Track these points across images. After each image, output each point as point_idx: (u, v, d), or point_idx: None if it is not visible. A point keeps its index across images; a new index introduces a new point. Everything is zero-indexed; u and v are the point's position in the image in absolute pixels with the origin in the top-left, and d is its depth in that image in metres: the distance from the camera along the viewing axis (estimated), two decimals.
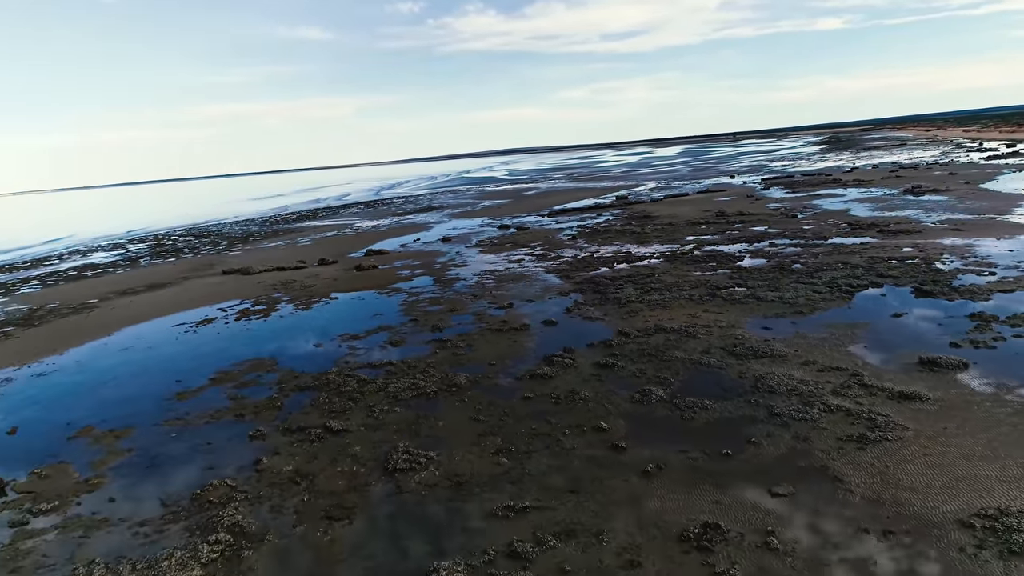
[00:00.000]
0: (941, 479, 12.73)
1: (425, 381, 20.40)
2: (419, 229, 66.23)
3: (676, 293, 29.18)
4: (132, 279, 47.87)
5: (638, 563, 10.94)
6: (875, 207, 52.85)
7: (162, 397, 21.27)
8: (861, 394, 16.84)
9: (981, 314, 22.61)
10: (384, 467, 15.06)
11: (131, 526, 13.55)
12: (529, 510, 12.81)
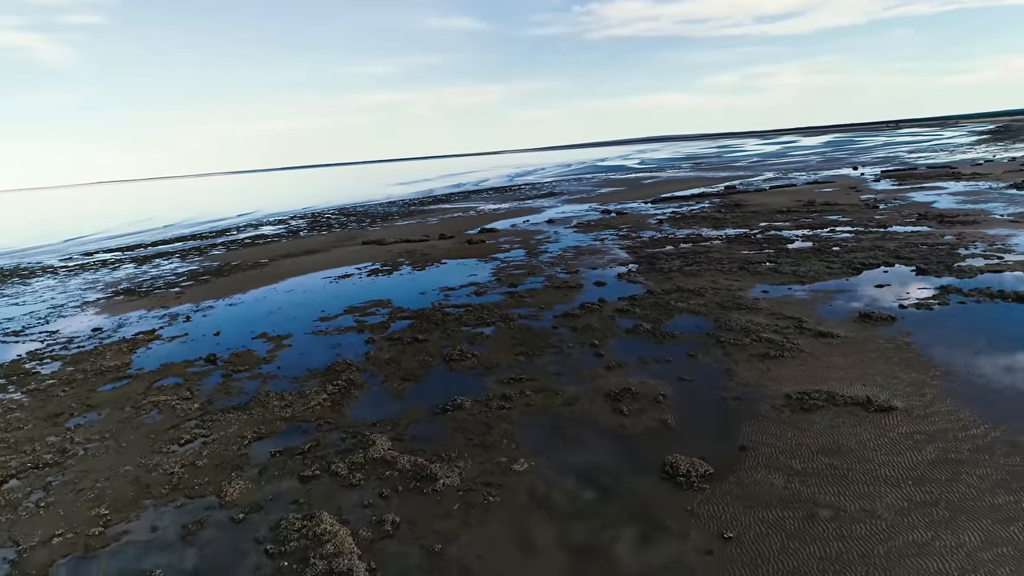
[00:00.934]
0: (799, 377, 19.00)
1: (489, 316, 28.28)
2: (532, 212, 74.22)
3: (712, 266, 35.26)
4: (293, 246, 59.31)
5: (574, 403, 18.27)
6: (963, 200, 54.79)
7: (311, 319, 30.54)
8: (792, 333, 22.89)
9: (948, 287, 27.37)
10: (444, 358, 23.11)
11: (289, 379, 22.40)
12: (523, 380, 20.37)
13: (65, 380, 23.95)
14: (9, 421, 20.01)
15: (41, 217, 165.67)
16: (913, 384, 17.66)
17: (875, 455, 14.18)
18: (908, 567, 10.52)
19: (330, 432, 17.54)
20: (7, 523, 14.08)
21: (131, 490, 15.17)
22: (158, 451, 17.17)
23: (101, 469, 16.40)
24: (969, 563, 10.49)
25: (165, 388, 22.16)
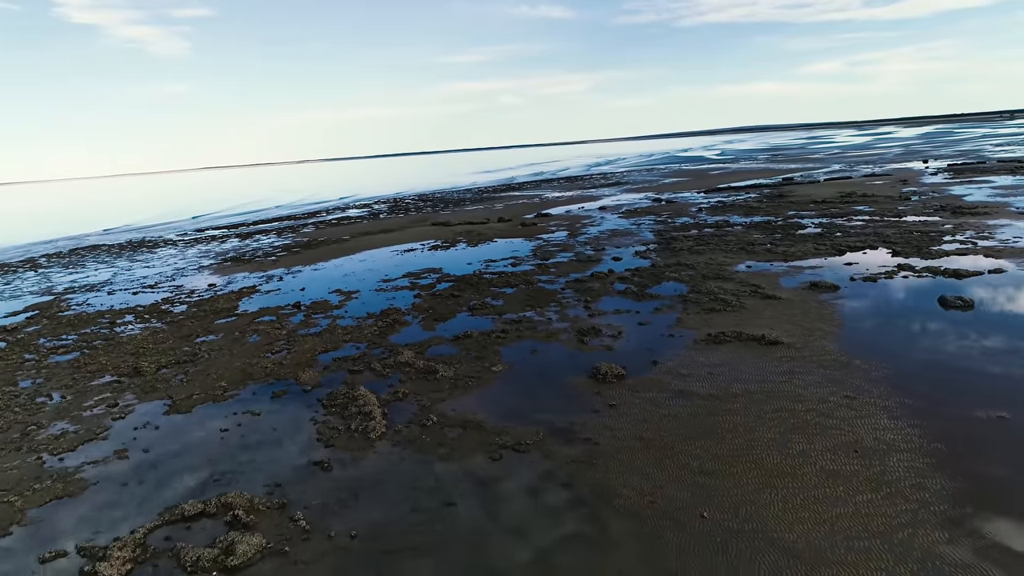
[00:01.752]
0: (727, 324, 24.79)
1: (515, 281, 34.95)
2: (591, 200, 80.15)
3: (719, 247, 40.68)
4: (372, 226, 67.60)
5: (552, 336, 24.74)
6: (997, 194, 57.29)
7: (375, 281, 38.02)
8: (745, 295, 28.53)
9: (905, 265, 32.16)
10: (469, 308, 29.96)
11: (352, 318, 29.75)
12: (522, 322, 26.90)
13: (191, 316, 32.24)
14: (158, 338, 28.23)
15: (159, 199, 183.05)
16: (809, 330, 23.26)
17: (745, 368, 20.09)
18: (735, 426, 16.59)
19: (374, 349, 24.69)
20: (164, 388, 21.88)
21: (239, 376, 22.76)
22: (257, 356, 24.79)
23: (219, 365, 24.13)
24: (772, 418, 16.45)
25: (263, 322, 29.99)
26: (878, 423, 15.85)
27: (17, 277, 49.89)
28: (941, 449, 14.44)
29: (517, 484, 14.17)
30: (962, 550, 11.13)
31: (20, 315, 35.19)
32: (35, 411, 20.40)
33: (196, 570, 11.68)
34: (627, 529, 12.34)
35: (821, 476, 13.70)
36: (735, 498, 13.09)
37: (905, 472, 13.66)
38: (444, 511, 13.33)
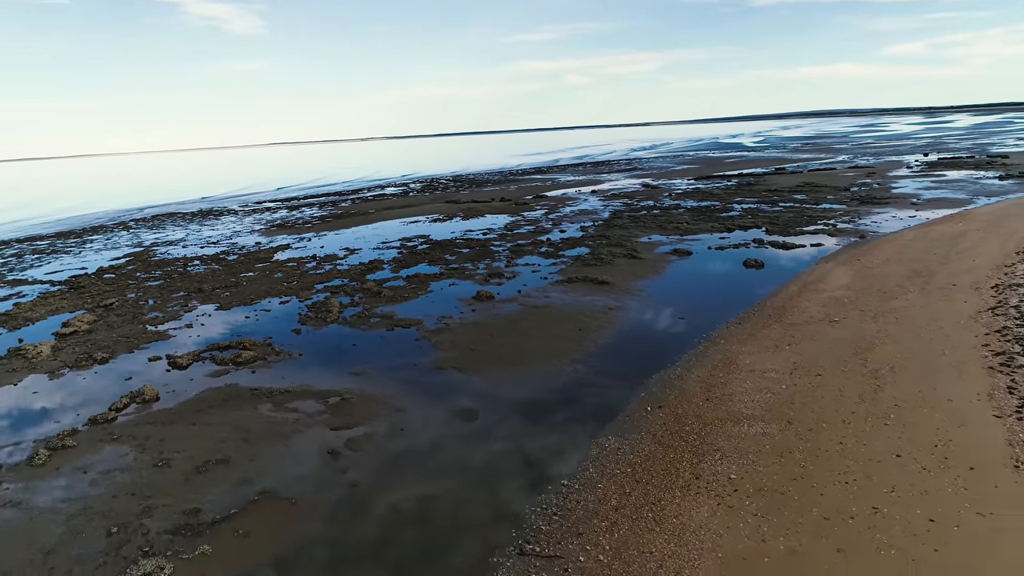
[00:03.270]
0: (589, 274, 36.43)
1: (474, 244, 46.96)
2: (592, 184, 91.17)
3: (646, 223, 51.81)
4: (396, 203, 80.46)
5: (472, 274, 36.93)
6: (933, 185, 66.31)
7: (377, 242, 50.65)
8: (620, 256, 39.87)
9: (758, 239, 42.92)
10: (429, 260, 42.27)
11: (348, 266, 42.39)
12: (459, 267, 39.19)
13: (238, 261, 45.50)
14: (215, 274, 41.50)
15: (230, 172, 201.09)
16: (635, 276, 34.77)
17: (568, 295, 31.81)
18: (535, 320, 28.45)
19: (352, 282, 37.25)
20: (216, 298, 34.93)
21: (263, 293, 35.62)
22: (277, 284, 37.68)
23: (252, 288, 37.07)
24: (561, 318, 28.25)
25: (287, 266, 42.94)
26: (624, 316, 27.56)
27: (115, 235, 64.65)
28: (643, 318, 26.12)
29: (398, 341, 26.40)
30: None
31: (121, 259, 49.21)
32: (139, 307, 33.73)
33: (223, 362, 24.38)
34: (452, 357, 24.47)
35: (575, 333, 25.51)
36: (515, 346, 25.08)
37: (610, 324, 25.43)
38: (353, 349, 25.72)
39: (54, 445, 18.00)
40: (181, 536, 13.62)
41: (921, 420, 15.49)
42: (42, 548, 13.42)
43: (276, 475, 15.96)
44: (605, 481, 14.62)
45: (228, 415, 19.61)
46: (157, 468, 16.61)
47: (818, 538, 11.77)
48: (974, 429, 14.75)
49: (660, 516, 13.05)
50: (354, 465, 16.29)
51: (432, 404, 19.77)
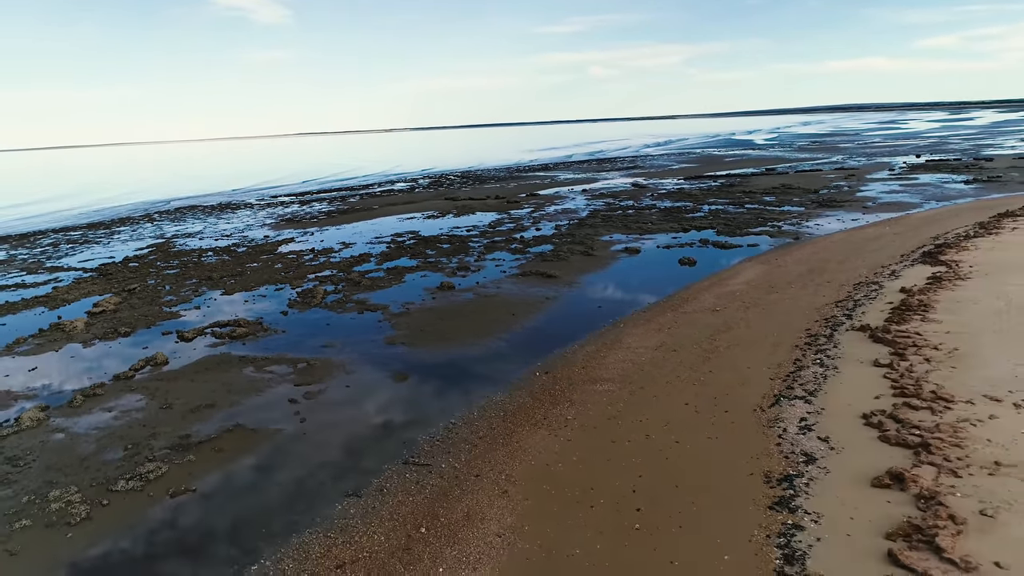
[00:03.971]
0: (545, 268, 41.93)
1: (455, 240, 52.62)
2: (586, 183, 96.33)
3: (615, 223, 57.08)
4: (399, 199, 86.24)
5: (443, 267, 42.66)
6: (898, 189, 70.74)
7: (371, 237, 56.50)
8: (576, 254, 45.28)
9: (705, 239, 48.11)
10: (411, 255, 48.09)
11: (340, 259, 48.30)
12: (435, 261, 44.92)
13: (246, 253, 51.60)
14: (225, 264, 47.61)
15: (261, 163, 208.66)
16: (583, 271, 40.21)
17: (516, 286, 37.31)
18: (476, 306, 34.10)
19: (340, 272, 43.12)
20: (223, 285, 41.00)
21: (263, 281, 41.60)
22: (276, 274, 43.65)
23: (254, 277, 43.06)
24: (501, 306, 33.88)
25: (287, 258, 48.96)
26: (555, 305, 33.08)
27: (140, 227, 71.28)
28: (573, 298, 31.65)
29: (364, 322, 32.14)
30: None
31: (145, 249, 55.61)
32: (157, 292, 39.88)
33: (221, 336, 30.33)
34: (403, 335, 30.19)
35: (509, 317, 31.07)
36: (456, 327, 30.70)
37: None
38: (327, 328, 31.51)
39: (87, 393, 24.00)
40: (175, 451, 19.47)
41: (719, 382, 20.88)
42: (80, 456, 19.37)
43: (247, 415, 21.79)
44: (481, 421, 20.23)
45: (219, 375, 25.51)
46: (162, 409, 22.51)
47: (603, 449, 17.30)
48: (750, 387, 20.14)
49: (507, 441, 18.64)
50: (305, 409, 22.06)
51: (376, 370, 25.49)
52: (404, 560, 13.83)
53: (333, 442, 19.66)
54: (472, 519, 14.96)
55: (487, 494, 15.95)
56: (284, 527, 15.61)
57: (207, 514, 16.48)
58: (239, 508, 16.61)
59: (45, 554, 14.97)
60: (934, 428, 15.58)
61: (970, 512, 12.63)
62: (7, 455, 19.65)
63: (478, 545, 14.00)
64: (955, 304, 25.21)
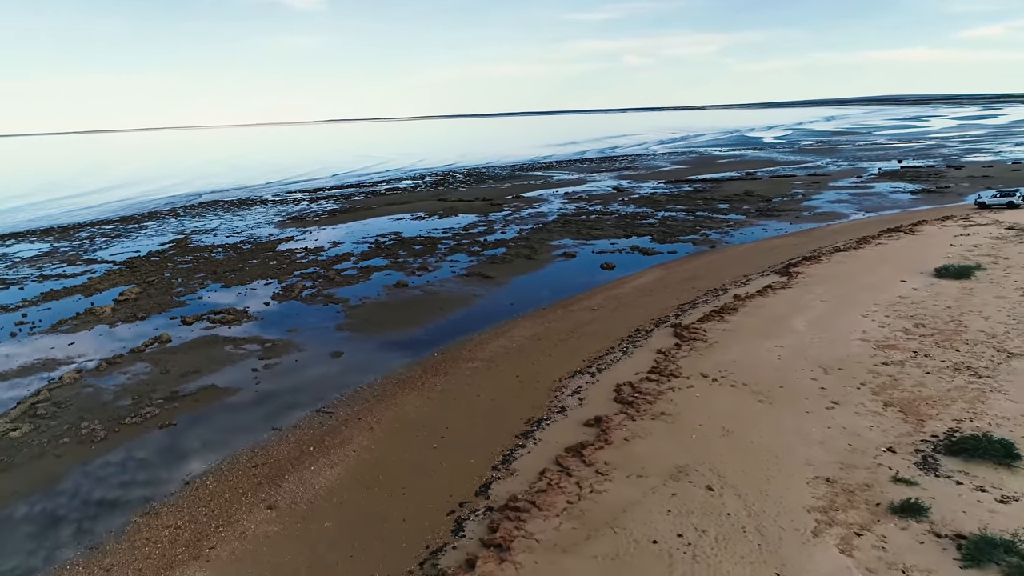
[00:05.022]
0: (487, 271, 50.42)
1: (429, 242, 61.32)
2: (576, 183, 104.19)
3: (570, 228, 65.08)
4: (397, 198, 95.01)
5: (404, 265, 51.43)
6: (847, 197, 77.69)
7: (358, 237, 65.34)
8: (523, 257, 53.66)
9: (635, 245, 56.14)
10: (385, 254, 56.90)
11: (327, 256, 57.29)
12: (405, 257, 53.69)
13: (249, 251, 60.76)
14: (230, 260, 56.83)
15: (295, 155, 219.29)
16: (517, 273, 48.51)
17: (459, 286, 45.81)
18: (420, 300, 42.76)
19: (322, 270, 51.95)
20: (225, 278, 50.17)
21: (257, 276, 50.62)
22: (269, 270, 52.65)
23: (252, 272, 52.13)
24: (447, 299, 42.48)
25: (283, 256, 58.01)
26: (479, 301, 41.58)
27: (165, 223, 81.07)
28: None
29: (326, 312, 40.91)
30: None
31: (165, 245, 65.15)
32: (170, 284, 49.10)
33: (214, 321, 39.38)
34: (352, 323, 38.95)
35: (438, 311, 39.66)
36: (395, 317, 39.37)
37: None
38: (296, 316, 40.38)
39: (110, 360, 33.13)
40: (166, 401, 28.38)
41: (550, 362, 29.21)
42: (102, 402, 28.40)
43: (220, 378, 30.68)
44: (378, 386, 28.80)
45: (206, 350, 34.49)
46: (161, 374, 31.51)
47: (445, 404, 25.77)
48: (565, 367, 28.43)
49: (388, 399, 27.20)
50: (262, 375, 30.86)
51: (321, 348, 34.21)
52: (294, 463, 22.51)
53: (274, 398, 28.45)
54: (343, 443, 23.58)
55: (359, 430, 24.57)
56: (229, 445, 24.41)
57: (181, 438, 25.36)
58: (202, 436, 25.46)
59: (77, 457, 23.95)
60: (647, 392, 23.80)
61: (620, 439, 20.91)
62: (54, 401, 28.81)
63: (340, 456, 22.62)
64: (755, 309, 33.16)
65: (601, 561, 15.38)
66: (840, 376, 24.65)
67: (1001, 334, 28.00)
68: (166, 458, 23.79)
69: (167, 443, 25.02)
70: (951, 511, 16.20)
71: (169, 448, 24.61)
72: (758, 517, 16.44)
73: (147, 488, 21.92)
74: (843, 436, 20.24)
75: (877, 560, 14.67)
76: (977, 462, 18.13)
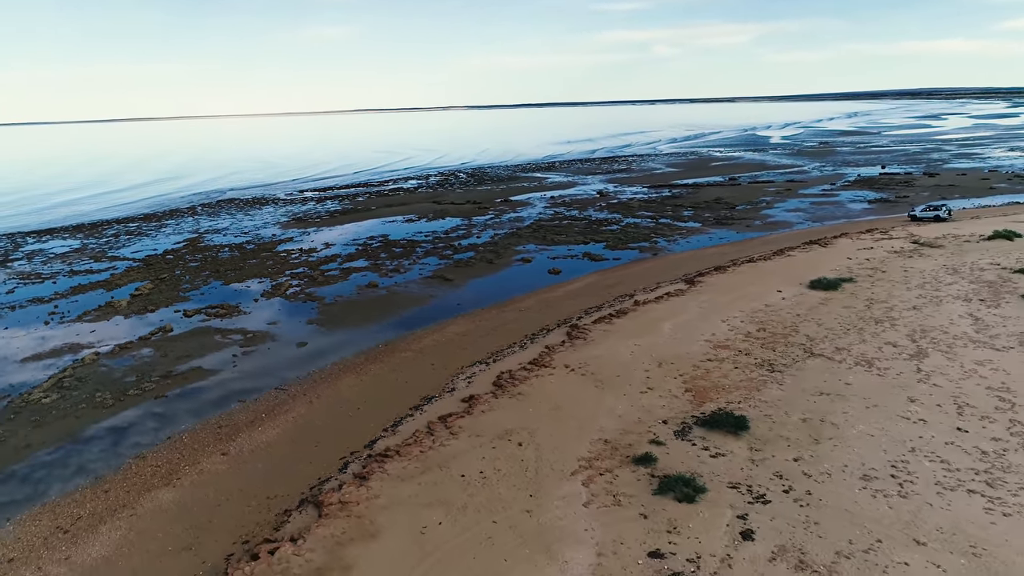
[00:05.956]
0: (450, 275, 58.07)
1: (410, 246, 69.17)
2: (565, 187, 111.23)
3: (539, 233, 72.35)
4: (397, 200, 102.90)
5: (383, 266, 59.30)
6: (800, 208, 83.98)
7: (349, 239, 73.27)
8: (485, 262, 61.20)
9: (587, 252, 63.44)
10: (367, 256, 64.87)
11: (318, 257, 65.38)
12: (385, 257, 61.59)
13: (251, 251, 68.98)
14: (234, 259, 65.26)
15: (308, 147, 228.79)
16: (474, 276, 56.05)
17: (419, 287, 53.55)
18: (386, 299, 50.62)
19: (309, 270, 59.92)
20: (226, 276, 58.50)
21: (253, 275, 58.84)
22: (265, 269, 60.84)
23: (249, 271, 60.25)
24: (410, 300, 50.27)
25: (279, 256, 66.17)
26: (434, 300, 49.28)
27: (183, 221, 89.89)
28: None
29: (303, 308, 48.88)
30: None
31: (180, 244, 73.76)
32: (179, 281, 57.41)
33: (209, 315, 47.57)
34: (321, 319, 46.94)
35: (395, 308, 47.45)
36: (359, 314, 47.24)
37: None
38: (277, 311, 48.40)
39: (122, 346, 41.43)
40: (161, 379, 36.42)
41: (464, 353, 36.66)
42: (113, 379, 36.60)
43: (206, 361, 38.73)
44: (331, 369, 36.50)
45: (200, 339, 42.61)
46: (161, 357, 39.68)
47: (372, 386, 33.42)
48: (472, 357, 35.96)
49: (331, 380, 34.93)
50: (239, 360, 38.84)
51: (291, 339, 42.10)
52: (247, 425, 30.30)
53: (245, 377, 36.41)
54: (287, 412, 31.36)
55: (302, 402, 32.32)
56: (203, 412, 32.33)
57: (169, 407, 33.34)
58: (185, 405, 33.42)
59: (91, 418, 32.06)
60: (518, 378, 31.20)
61: (479, 412, 28.41)
62: (77, 376, 37.09)
63: (282, 421, 30.37)
64: (642, 313, 40.28)
65: (423, 486, 22.88)
66: (667, 369, 31.82)
67: (819, 338, 34.91)
68: (156, 420, 31.81)
69: (158, 410, 33.04)
70: (673, 462, 23.42)
71: (159, 414, 32.62)
72: (541, 462, 23.81)
73: (140, 440, 29.93)
74: (638, 412, 27.48)
75: (602, 489, 21.97)
76: (716, 431, 25.24)
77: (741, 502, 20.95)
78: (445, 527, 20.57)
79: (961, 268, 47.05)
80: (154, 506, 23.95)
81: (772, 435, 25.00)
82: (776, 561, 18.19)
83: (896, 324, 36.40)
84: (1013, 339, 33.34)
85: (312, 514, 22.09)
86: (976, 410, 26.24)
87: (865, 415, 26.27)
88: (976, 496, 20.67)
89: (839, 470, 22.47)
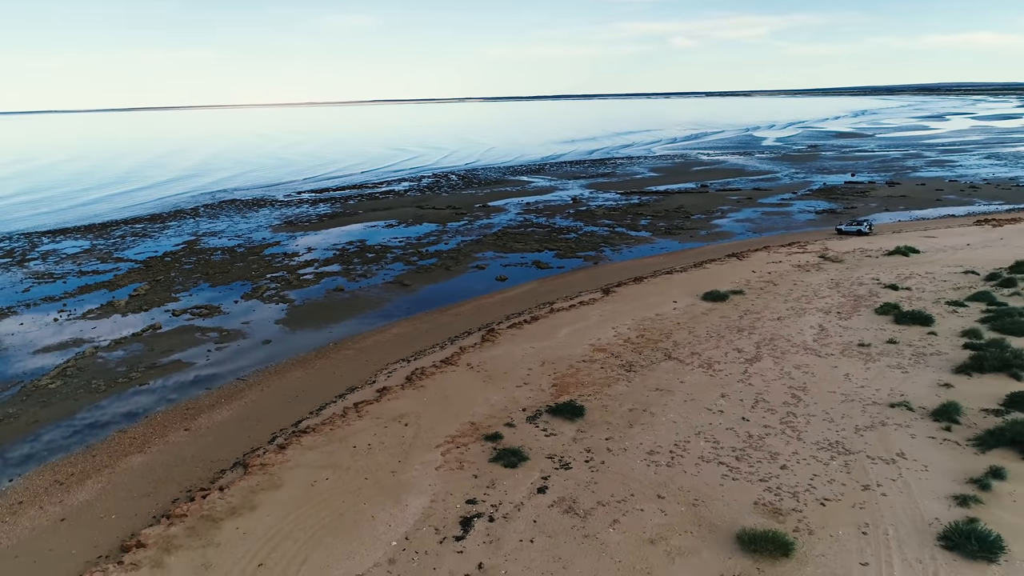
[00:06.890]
0: (410, 280, 65.84)
1: (382, 251, 77.06)
2: (545, 192, 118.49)
3: (505, 241, 79.86)
4: (383, 204, 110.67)
5: (352, 271, 67.18)
6: (757, 217, 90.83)
7: (330, 244, 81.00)
8: (445, 268, 68.91)
9: (537, 260, 70.99)
10: (342, 261, 72.76)
11: (298, 261, 73.36)
12: (356, 262, 69.44)
13: (240, 254, 76.99)
14: (224, 262, 73.28)
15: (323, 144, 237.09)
16: (430, 282, 63.78)
17: (379, 292, 61.41)
18: (348, 302, 58.54)
19: (287, 274, 67.86)
20: (214, 279, 66.58)
21: (239, 276, 66.75)
22: (248, 272, 68.82)
23: (235, 273, 68.38)
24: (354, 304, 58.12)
25: (264, 260, 74.07)
26: (388, 303, 57.09)
27: (184, 223, 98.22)
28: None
29: (274, 309, 56.72)
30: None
31: (179, 246, 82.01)
32: (172, 282, 65.55)
33: (193, 314, 55.66)
34: (289, 318, 54.86)
35: (354, 310, 55.32)
36: (323, 315, 55.14)
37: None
38: (252, 311, 56.37)
39: (117, 341, 49.57)
40: (146, 370, 44.40)
41: (397, 351, 44.50)
42: (107, 369, 44.73)
43: (186, 355, 46.73)
44: (286, 363, 44.35)
45: (182, 335, 50.67)
46: (149, 351, 47.78)
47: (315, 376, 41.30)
48: (403, 352, 43.77)
49: (281, 372, 42.74)
50: (213, 355, 46.75)
51: (260, 336, 50.04)
52: (209, 408, 38.10)
53: (217, 369, 44.37)
54: (242, 397, 39.18)
55: (255, 390, 40.15)
56: (177, 398, 40.33)
57: (150, 393, 41.40)
58: (162, 392, 41.43)
59: (87, 401, 40.09)
60: (427, 374, 38.83)
61: (387, 400, 36.16)
62: (78, 366, 45.23)
63: (236, 404, 38.14)
64: (551, 319, 47.72)
65: (323, 453, 30.60)
66: (548, 368, 39.34)
67: (683, 344, 42.26)
68: (138, 404, 39.82)
69: (141, 395, 41.08)
70: (515, 439, 30.91)
71: (141, 398, 40.68)
72: (417, 439, 31.45)
73: (123, 419, 37.97)
74: (507, 401, 35.03)
75: (454, 458, 29.52)
76: (558, 417, 32.68)
77: (550, 468, 28.48)
78: (330, 481, 28.30)
79: (843, 282, 54.06)
80: (127, 467, 31.85)
81: (600, 420, 32.47)
82: (553, 507, 25.72)
83: (753, 333, 43.65)
84: (838, 348, 40.49)
85: (239, 472, 29.88)
86: (768, 404, 33.53)
87: (680, 406, 33.66)
88: (722, 467, 28.04)
89: (635, 447, 29.92)
